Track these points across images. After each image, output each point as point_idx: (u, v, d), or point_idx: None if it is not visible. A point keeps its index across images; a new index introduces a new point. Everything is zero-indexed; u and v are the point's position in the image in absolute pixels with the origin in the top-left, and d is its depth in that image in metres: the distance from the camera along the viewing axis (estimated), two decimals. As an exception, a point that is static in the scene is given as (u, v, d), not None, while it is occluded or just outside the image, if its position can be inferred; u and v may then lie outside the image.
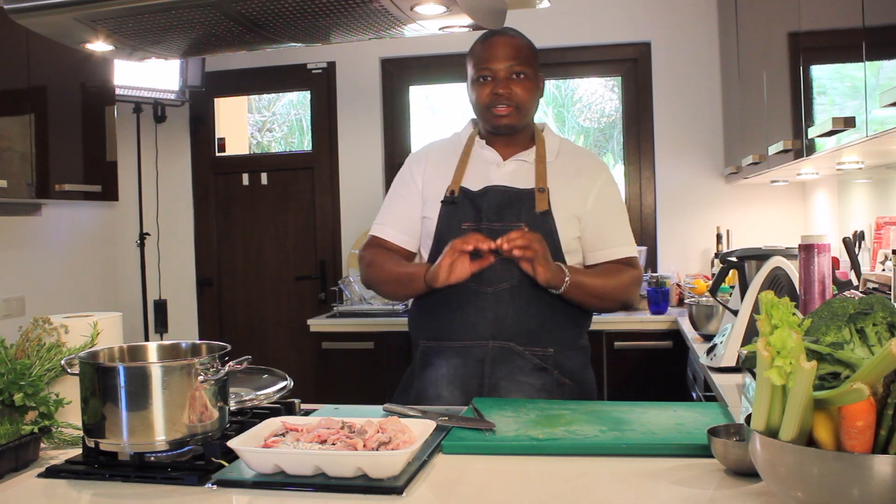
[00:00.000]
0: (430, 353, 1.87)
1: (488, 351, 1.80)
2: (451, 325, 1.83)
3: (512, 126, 1.87)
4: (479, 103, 1.87)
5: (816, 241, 1.61)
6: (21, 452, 1.28)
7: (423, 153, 2.01)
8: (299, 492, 1.14)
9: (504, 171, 1.89)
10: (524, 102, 1.85)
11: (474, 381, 1.79)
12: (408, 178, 1.97)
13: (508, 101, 1.83)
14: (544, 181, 1.86)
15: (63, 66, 3.25)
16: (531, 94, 1.86)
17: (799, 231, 3.58)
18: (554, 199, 1.84)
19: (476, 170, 1.91)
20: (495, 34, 1.85)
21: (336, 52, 4.30)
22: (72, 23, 1.47)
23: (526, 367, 1.80)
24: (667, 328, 3.42)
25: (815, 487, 0.87)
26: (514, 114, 1.85)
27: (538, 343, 1.82)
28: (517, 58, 1.84)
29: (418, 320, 1.95)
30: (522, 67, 1.84)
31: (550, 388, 1.81)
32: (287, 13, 1.44)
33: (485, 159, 1.92)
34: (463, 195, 1.87)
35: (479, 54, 1.87)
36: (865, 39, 1.57)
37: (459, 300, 1.82)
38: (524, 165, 1.90)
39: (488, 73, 1.84)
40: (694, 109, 3.99)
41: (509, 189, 1.86)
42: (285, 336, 4.40)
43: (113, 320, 1.65)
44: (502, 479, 1.20)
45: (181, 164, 4.50)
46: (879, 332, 0.95)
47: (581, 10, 4.02)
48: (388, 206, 1.99)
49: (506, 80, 1.83)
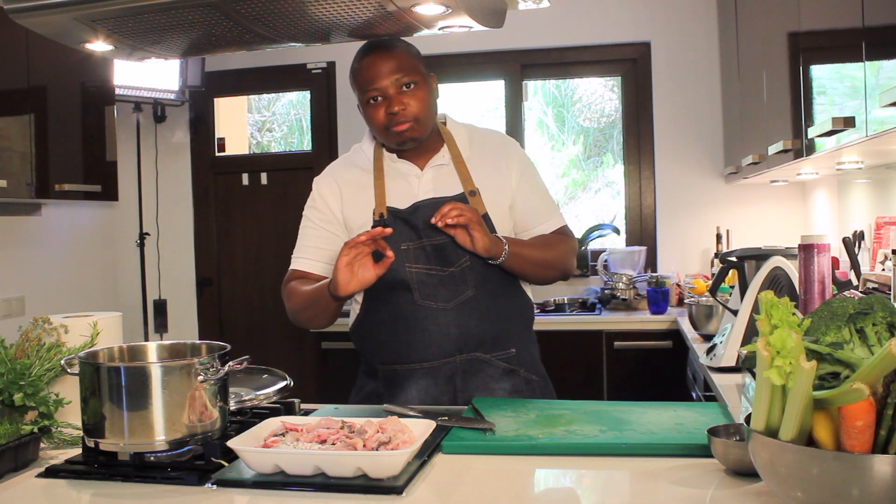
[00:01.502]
0: (396, 377, 1.79)
1: (457, 366, 1.75)
2: (412, 347, 1.75)
3: (416, 139, 1.77)
4: (377, 125, 1.76)
5: (816, 241, 1.61)
6: (21, 452, 1.28)
7: (330, 179, 1.89)
8: (299, 492, 1.14)
9: (425, 181, 1.81)
10: (422, 112, 1.74)
11: (446, 399, 1.75)
12: (322, 206, 1.86)
13: (405, 118, 1.72)
14: (471, 182, 1.79)
15: (63, 66, 3.25)
16: (426, 101, 1.75)
17: (799, 231, 3.58)
18: (484, 196, 1.79)
19: (396, 186, 1.81)
20: (371, 50, 1.74)
21: (336, 52, 4.30)
22: (72, 23, 1.47)
23: (495, 373, 1.78)
24: (667, 328, 3.42)
25: (815, 487, 0.87)
26: (415, 126, 1.74)
27: (501, 347, 1.79)
28: (401, 69, 1.72)
29: (368, 345, 1.85)
30: (410, 77, 1.73)
31: (520, 388, 1.80)
32: (287, 13, 1.44)
33: (401, 172, 1.82)
34: (392, 216, 1.77)
35: (362, 76, 1.74)
36: (865, 39, 1.57)
37: (417, 322, 1.74)
38: (443, 169, 1.82)
39: (377, 94, 1.73)
40: (694, 109, 3.99)
41: (439, 200, 1.76)
42: (285, 336, 4.40)
43: (113, 320, 1.65)
44: (502, 479, 1.20)
45: (181, 164, 4.50)
46: (879, 332, 0.95)
47: (581, 10, 4.02)
48: (303, 238, 1.87)
49: (396, 95, 1.72)
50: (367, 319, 1.83)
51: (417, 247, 1.75)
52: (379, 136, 1.81)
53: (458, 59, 4.21)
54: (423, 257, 1.75)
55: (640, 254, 3.90)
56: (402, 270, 1.74)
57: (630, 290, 3.73)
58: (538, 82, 4.39)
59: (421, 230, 1.75)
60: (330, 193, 1.87)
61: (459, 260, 1.74)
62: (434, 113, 1.82)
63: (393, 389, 1.79)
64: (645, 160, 4.09)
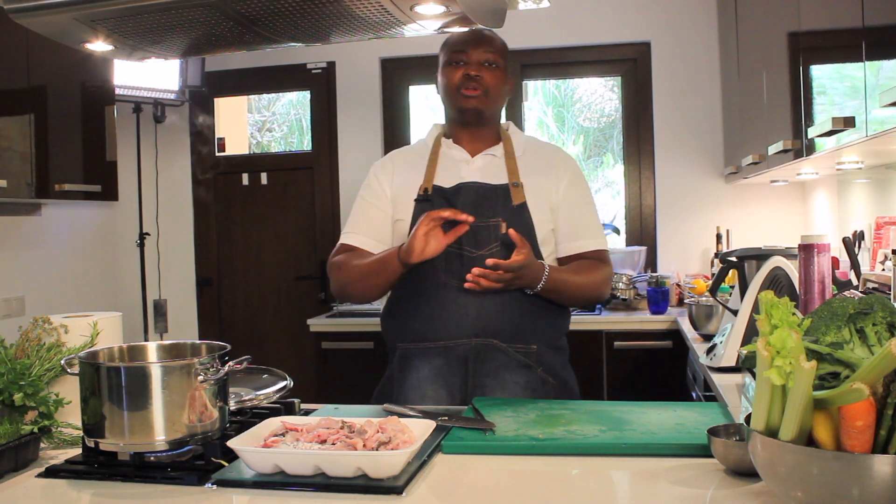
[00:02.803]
0: (410, 355, 1.84)
1: (471, 349, 1.78)
2: (430, 324, 1.81)
3: (479, 111, 1.88)
4: (450, 85, 1.89)
5: (816, 241, 1.61)
6: (21, 452, 1.28)
7: (387, 159, 2.01)
8: (299, 492, 1.14)
9: (474, 167, 1.90)
10: (493, 89, 1.87)
11: (458, 380, 1.77)
12: (374, 185, 1.95)
13: (478, 85, 1.86)
14: (517, 175, 1.87)
15: (63, 66, 3.25)
16: (500, 83, 1.89)
17: (799, 231, 3.58)
18: (527, 191, 1.85)
19: (446, 168, 1.91)
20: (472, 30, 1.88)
21: (336, 51, 4.30)
22: (72, 23, 1.47)
23: (510, 364, 1.79)
24: (667, 328, 3.42)
25: (815, 487, 0.87)
26: (482, 98, 1.87)
27: (521, 340, 1.81)
28: (491, 50, 1.88)
29: (393, 324, 1.91)
30: (495, 57, 1.88)
31: (535, 386, 1.80)
32: (287, 13, 1.44)
33: (453, 157, 1.92)
34: (436, 193, 1.87)
35: (454, 41, 1.91)
36: (865, 39, 1.57)
37: (438, 299, 1.80)
38: (494, 160, 1.91)
39: (462, 58, 1.88)
40: (694, 109, 3.99)
41: (483, 185, 1.86)
42: (285, 336, 4.40)
43: (113, 320, 1.65)
44: (502, 479, 1.20)
45: (181, 164, 4.50)
46: (879, 332, 0.95)
47: (581, 10, 4.02)
48: (355, 214, 1.96)
49: (478, 64, 1.87)
50: (396, 297, 1.90)
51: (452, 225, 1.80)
52: (448, 97, 1.91)
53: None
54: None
55: (640, 254, 3.90)
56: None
57: (630, 290, 3.73)
58: (538, 82, 4.39)
59: (459, 209, 1.80)
60: (383, 172, 1.96)
61: (490, 245, 1.79)
62: (502, 101, 1.94)
63: (405, 370, 1.83)
64: (645, 160, 4.09)
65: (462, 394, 1.77)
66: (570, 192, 1.90)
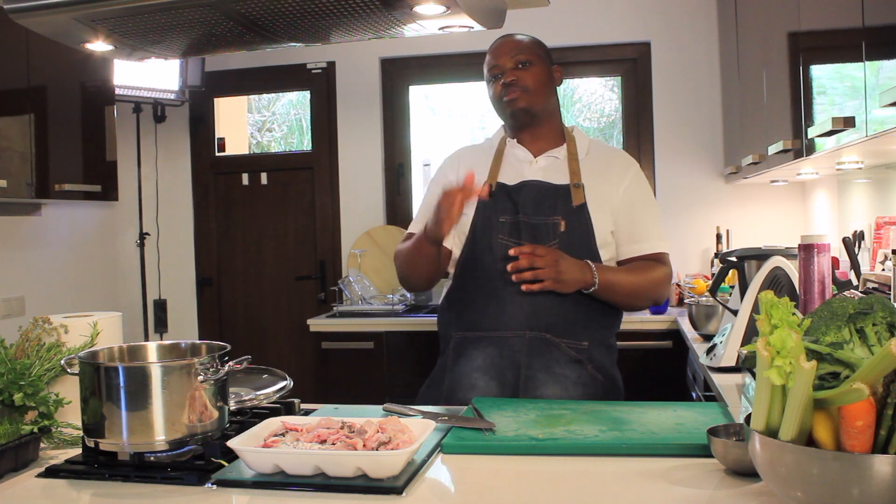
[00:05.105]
0: (465, 344, 1.88)
1: (525, 341, 1.82)
2: (486, 315, 1.85)
3: (526, 110, 1.93)
4: (494, 98, 1.97)
5: (816, 241, 1.61)
6: (21, 452, 1.28)
7: (456, 155, 2.09)
8: (299, 492, 1.14)
9: (537, 167, 1.95)
10: (532, 85, 1.92)
11: (510, 373, 1.81)
12: (442, 180, 2.01)
13: (515, 87, 1.92)
14: (578, 177, 1.92)
15: (63, 66, 3.25)
16: (538, 78, 1.94)
17: (799, 231, 3.58)
18: (588, 193, 1.89)
19: (510, 167, 1.97)
20: (501, 38, 1.98)
21: (336, 51, 4.30)
22: (72, 23, 1.47)
23: (562, 358, 1.83)
24: (667, 328, 3.42)
25: (815, 487, 0.87)
26: (523, 96, 1.92)
27: (573, 336, 1.85)
28: (519, 50, 1.94)
29: (451, 314, 1.96)
30: (526, 56, 1.93)
31: (585, 381, 1.84)
32: (287, 13, 1.44)
33: (517, 157, 1.98)
34: (499, 189, 1.92)
35: (489, 58, 1.98)
36: (865, 39, 1.57)
37: (495, 291, 1.85)
38: (556, 162, 1.96)
39: (497, 71, 1.95)
40: (694, 109, 3.99)
41: (545, 184, 1.91)
42: (285, 336, 4.40)
43: (113, 320, 1.65)
44: (502, 479, 1.20)
45: (181, 164, 4.50)
46: (879, 332, 0.95)
47: (581, 10, 4.02)
48: (421, 207, 2.06)
49: (511, 70, 1.93)
50: (454, 288, 1.95)
51: (513, 222, 1.87)
52: (498, 110, 2.00)
53: (458, 59, 4.20)
54: (516, 233, 1.87)
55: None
56: (494, 242, 1.87)
57: (630, 290, 3.72)
58: (538, 82, 4.39)
59: (520, 206, 1.88)
60: (451, 168, 2.04)
61: (550, 242, 1.84)
62: (547, 93, 1.97)
63: (459, 358, 1.87)
64: (645, 160, 4.09)
65: (514, 387, 1.80)
66: (629, 193, 1.94)
